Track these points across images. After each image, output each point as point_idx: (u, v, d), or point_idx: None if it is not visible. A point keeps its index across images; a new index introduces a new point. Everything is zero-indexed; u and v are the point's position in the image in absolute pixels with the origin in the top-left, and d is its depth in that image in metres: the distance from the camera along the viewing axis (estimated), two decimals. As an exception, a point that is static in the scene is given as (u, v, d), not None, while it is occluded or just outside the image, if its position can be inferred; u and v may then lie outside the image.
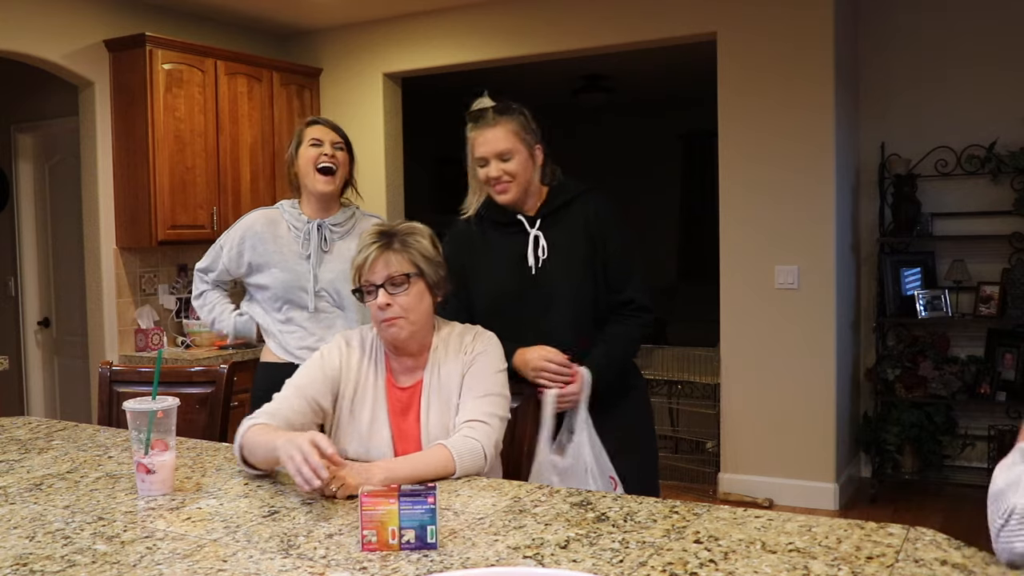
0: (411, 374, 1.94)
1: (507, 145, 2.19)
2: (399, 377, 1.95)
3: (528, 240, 2.24)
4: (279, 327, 2.68)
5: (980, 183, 4.60)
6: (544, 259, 2.22)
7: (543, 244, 2.23)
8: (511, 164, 2.20)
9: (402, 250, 1.88)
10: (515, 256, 2.24)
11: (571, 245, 2.23)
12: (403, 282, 1.87)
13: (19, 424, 2.45)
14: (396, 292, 1.86)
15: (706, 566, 1.27)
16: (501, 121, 2.21)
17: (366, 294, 1.89)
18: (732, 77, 4.65)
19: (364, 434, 1.91)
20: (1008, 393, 4.46)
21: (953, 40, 4.67)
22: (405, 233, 1.90)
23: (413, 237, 1.91)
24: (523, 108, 2.27)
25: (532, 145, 2.24)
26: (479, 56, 5.33)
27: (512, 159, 2.20)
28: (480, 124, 2.23)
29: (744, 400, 4.69)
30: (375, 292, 1.87)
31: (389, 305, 1.85)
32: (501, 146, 2.19)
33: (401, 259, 1.87)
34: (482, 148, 2.22)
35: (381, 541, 1.37)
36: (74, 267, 5.15)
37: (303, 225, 2.66)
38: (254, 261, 2.68)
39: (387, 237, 1.89)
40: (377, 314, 1.87)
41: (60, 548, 1.40)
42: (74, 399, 5.28)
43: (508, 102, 2.26)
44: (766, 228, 4.58)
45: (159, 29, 4.93)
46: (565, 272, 2.21)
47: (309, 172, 2.62)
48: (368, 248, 1.88)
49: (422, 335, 1.92)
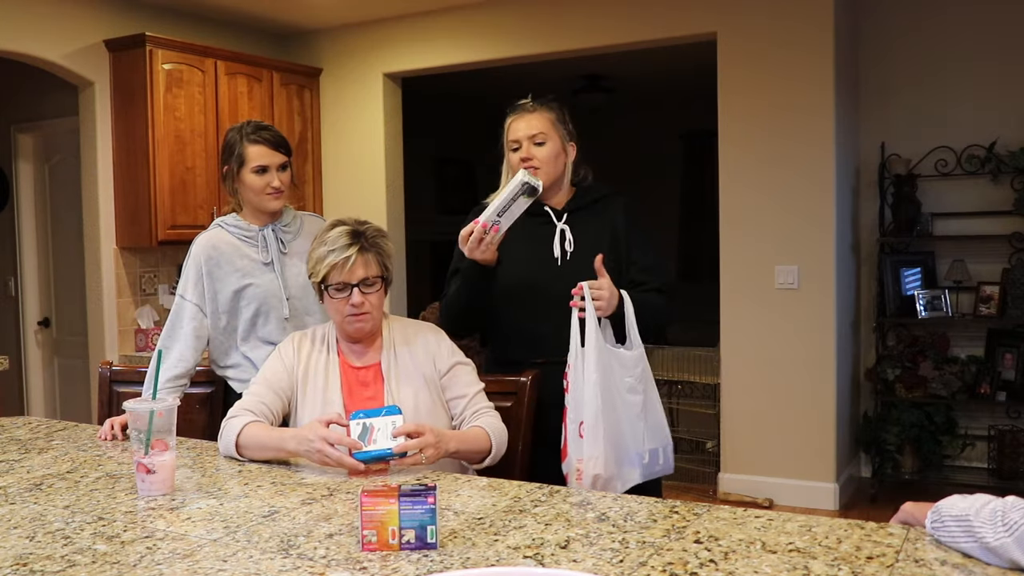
0: (363, 356, 2.11)
1: (541, 129, 2.26)
2: (351, 358, 2.11)
3: (555, 232, 2.28)
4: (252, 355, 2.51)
5: (980, 183, 4.60)
6: (571, 252, 2.26)
7: (569, 237, 2.27)
8: (543, 149, 2.25)
9: (374, 251, 2.03)
10: (540, 246, 2.28)
11: (596, 242, 2.27)
12: (375, 282, 2.03)
13: (19, 424, 2.45)
14: (368, 292, 2.02)
15: (706, 566, 1.27)
16: (539, 109, 2.30)
17: (336, 291, 2.01)
18: (732, 77, 4.65)
19: (317, 409, 2.03)
20: (1008, 393, 4.46)
21: (953, 40, 4.67)
22: (373, 235, 2.05)
23: (382, 239, 2.06)
24: (563, 105, 2.34)
25: (565, 139, 2.30)
26: (479, 56, 5.33)
27: (545, 144, 2.26)
28: (518, 111, 2.31)
29: (744, 400, 4.69)
30: (348, 290, 2.00)
31: (362, 303, 2.00)
32: (535, 129, 2.26)
33: (375, 261, 2.03)
34: (517, 132, 2.28)
35: (381, 541, 1.37)
36: (74, 267, 5.15)
37: (255, 233, 2.53)
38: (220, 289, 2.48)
39: (360, 238, 2.02)
40: (346, 309, 2.01)
41: (60, 548, 1.40)
42: (74, 399, 5.29)
43: (548, 97, 2.33)
44: (766, 228, 4.58)
45: (159, 29, 4.93)
46: (589, 267, 2.22)
47: (258, 196, 2.49)
48: (347, 249, 1.99)
49: (378, 325, 2.12)
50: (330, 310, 2.08)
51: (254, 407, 2.01)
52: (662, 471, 2.18)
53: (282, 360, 2.12)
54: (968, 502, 1.28)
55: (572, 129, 2.34)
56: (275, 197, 2.49)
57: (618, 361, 2.11)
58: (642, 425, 2.12)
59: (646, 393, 2.15)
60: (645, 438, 2.12)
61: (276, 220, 2.57)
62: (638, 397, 2.12)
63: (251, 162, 2.46)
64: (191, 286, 2.47)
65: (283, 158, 2.50)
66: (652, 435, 2.14)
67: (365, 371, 2.10)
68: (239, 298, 2.48)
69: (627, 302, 2.15)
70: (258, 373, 2.14)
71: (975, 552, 1.23)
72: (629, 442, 2.10)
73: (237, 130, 2.51)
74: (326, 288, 2.03)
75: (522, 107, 2.31)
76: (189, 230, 4.85)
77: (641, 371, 2.14)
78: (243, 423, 1.95)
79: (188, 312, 2.47)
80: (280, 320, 2.50)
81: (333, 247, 2.00)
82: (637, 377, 2.12)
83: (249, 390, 2.10)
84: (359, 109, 5.64)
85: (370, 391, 2.07)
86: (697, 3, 4.71)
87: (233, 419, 1.98)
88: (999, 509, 1.21)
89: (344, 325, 2.05)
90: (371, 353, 2.11)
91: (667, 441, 2.19)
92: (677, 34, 4.81)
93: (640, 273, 2.29)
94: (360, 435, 1.80)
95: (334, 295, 2.02)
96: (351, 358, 2.11)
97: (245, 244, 2.52)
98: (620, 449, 2.08)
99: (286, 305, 2.50)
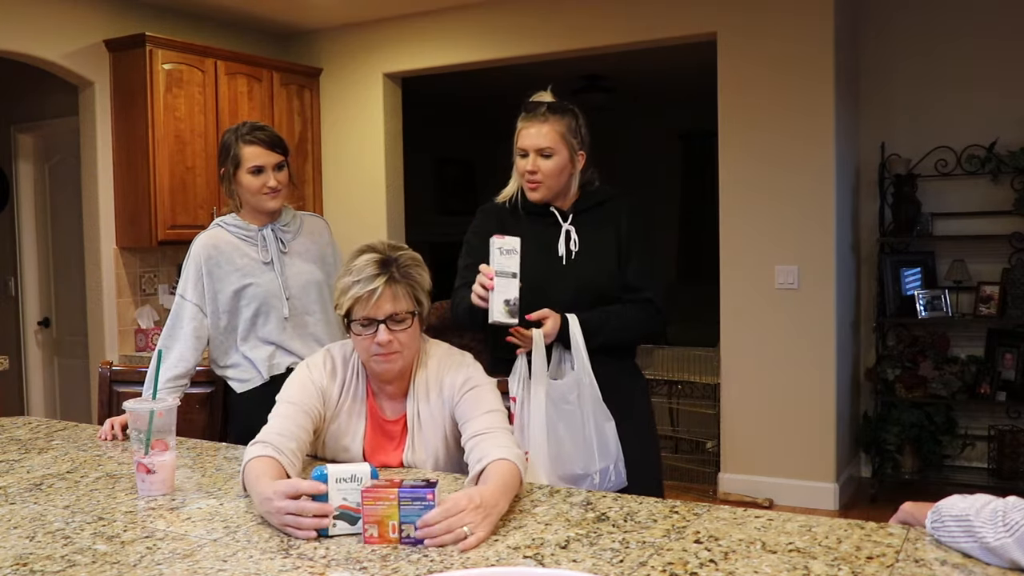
0: (393, 402, 1.91)
1: (549, 143, 2.24)
2: (383, 406, 1.92)
3: (560, 232, 2.29)
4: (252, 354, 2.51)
5: (980, 183, 4.60)
6: (576, 251, 2.28)
7: (574, 238, 2.29)
8: (549, 163, 2.24)
9: (404, 283, 1.80)
10: (545, 246, 2.29)
11: (600, 243, 2.29)
12: (405, 318, 1.80)
13: (19, 424, 2.45)
14: (396, 329, 1.78)
15: (706, 566, 1.27)
16: (551, 119, 2.25)
17: (362, 327, 1.79)
18: (732, 77, 4.64)
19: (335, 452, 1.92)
20: (1008, 393, 4.46)
21: (953, 40, 4.66)
22: (406, 264, 1.81)
23: (415, 269, 1.83)
24: (577, 111, 2.31)
25: (575, 150, 2.28)
26: (479, 56, 5.33)
27: (552, 158, 2.24)
28: (531, 116, 2.27)
29: (744, 400, 4.69)
30: (374, 326, 1.78)
31: (390, 341, 1.78)
32: (544, 143, 2.24)
33: (406, 294, 1.80)
34: (526, 140, 2.26)
35: (382, 535, 1.38)
36: (74, 267, 5.15)
37: (255, 233, 2.53)
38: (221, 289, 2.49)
39: (388, 267, 1.79)
40: (372, 348, 1.79)
41: (60, 548, 1.40)
42: (74, 399, 5.29)
43: (565, 102, 2.30)
44: (766, 228, 4.58)
45: (159, 29, 4.93)
46: (593, 268, 2.25)
47: (255, 196, 2.50)
48: (373, 280, 1.76)
49: (408, 365, 1.88)
50: (357, 347, 1.86)
51: (282, 432, 1.75)
52: (614, 486, 2.17)
53: (313, 382, 1.88)
54: (968, 502, 1.28)
55: (585, 135, 2.31)
56: (272, 197, 2.50)
57: (556, 391, 2.14)
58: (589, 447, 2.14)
59: (590, 415, 2.16)
60: (597, 458, 2.15)
61: (275, 220, 2.57)
62: (579, 421, 2.15)
63: (246, 163, 2.46)
64: (191, 286, 2.48)
65: (279, 158, 2.50)
66: (601, 454, 2.16)
67: (393, 425, 1.91)
68: (239, 298, 2.48)
69: (572, 326, 2.16)
70: (288, 390, 1.88)
71: (975, 552, 1.23)
72: (577, 466, 2.13)
73: (233, 131, 2.51)
74: (351, 323, 1.81)
75: (536, 113, 2.26)
76: (189, 230, 4.85)
77: (576, 396, 2.15)
78: (253, 454, 1.67)
79: (188, 312, 2.47)
80: (280, 320, 2.50)
81: (359, 277, 1.77)
82: (574, 403, 2.15)
83: (281, 411, 1.83)
84: (359, 109, 5.64)
85: (394, 444, 1.91)
86: (697, 3, 4.71)
87: (254, 445, 1.71)
88: (999, 509, 1.21)
89: (371, 364, 1.84)
90: (400, 399, 1.91)
91: (617, 457, 2.19)
92: (677, 34, 4.81)
93: (635, 278, 2.30)
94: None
95: (359, 331, 1.80)
96: (381, 404, 1.92)
97: (245, 244, 2.52)
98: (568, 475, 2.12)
99: (286, 305, 2.50)
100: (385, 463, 1.89)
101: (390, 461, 1.89)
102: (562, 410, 2.14)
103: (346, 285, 1.79)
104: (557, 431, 2.13)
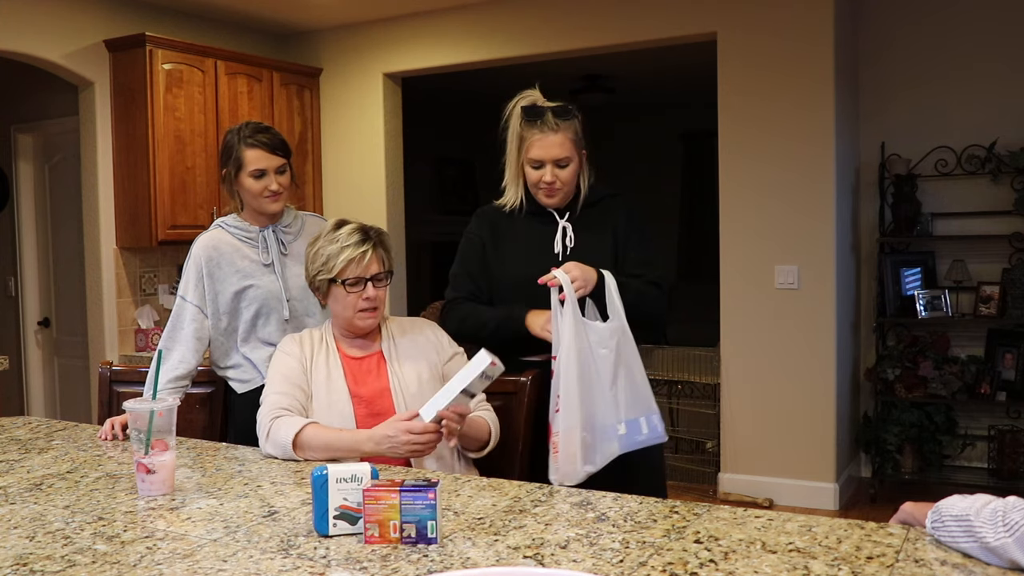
0: (362, 348, 2.15)
1: (566, 153, 2.24)
2: (350, 351, 2.15)
3: (556, 230, 2.30)
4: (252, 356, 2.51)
5: (980, 183, 4.60)
6: (572, 248, 2.29)
7: (571, 235, 2.30)
8: (566, 172, 2.25)
9: (382, 248, 2.11)
10: (542, 244, 2.30)
11: (597, 240, 2.30)
12: (384, 277, 2.11)
13: (19, 424, 2.45)
14: (379, 287, 2.09)
15: (706, 566, 1.27)
16: (562, 128, 2.24)
17: (351, 286, 2.05)
18: (732, 77, 4.65)
19: (323, 401, 2.06)
20: (1008, 393, 4.46)
21: (953, 40, 4.67)
22: (379, 233, 2.12)
23: (387, 237, 2.14)
24: (578, 112, 2.30)
25: (582, 151, 2.30)
26: (479, 56, 5.33)
27: (568, 166, 2.25)
28: (541, 128, 2.24)
29: (744, 400, 4.69)
30: (362, 285, 2.06)
31: (376, 296, 2.07)
32: (561, 153, 2.23)
33: (386, 257, 2.12)
34: (540, 151, 2.24)
35: (383, 535, 1.38)
36: (74, 267, 5.15)
37: (255, 234, 2.53)
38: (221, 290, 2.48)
39: (369, 234, 2.09)
40: (359, 303, 2.07)
41: (60, 548, 1.40)
42: (74, 399, 5.29)
43: (566, 104, 2.28)
44: (766, 228, 4.58)
45: (159, 29, 4.93)
46: (589, 264, 2.23)
47: (257, 199, 2.49)
48: (362, 244, 2.06)
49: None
50: (339, 305, 2.09)
51: (290, 407, 2.02)
52: (648, 440, 2.12)
53: (291, 356, 2.13)
54: (968, 502, 1.28)
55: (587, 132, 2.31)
56: (273, 200, 2.49)
57: (593, 334, 2.10)
58: (619, 395, 2.10)
59: (624, 364, 2.12)
60: (622, 408, 2.10)
61: (277, 221, 2.57)
62: (611, 368, 2.10)
63: (248, 166, 2.45)
64: (192, 287, 2.47)
65: (281, 161, 2.48)
66: (631, 405, 2.11)
67: (368, 359, 2.14)
68: (240, 299, 2.48)
69: (608, 280, 2.16)
70: (272, 372, 2.12)
71: (975, 552, 1.23)
72: (604, 413, 2.08)
73: (235, 133, 2.49)
74: (340, 283, 2.05)
75: (546, 123, 2.23)
76: (189, 230, 4.86)
77: (617, 343, 2.12)
78: (300, 423, 1.94)
79: (189, 314, 2.46)
80: (280, 321, 2.50)
81: (347, 243, 2.05)
82: (612, 349, 2.11)
83: (275, 389, 2.07)
84: (359, 109, 5.64)
85: (373, 376, 2.11)
86: (697, 3, 4.71)
87: (280, 419, 1.97)
88: (999, 509, 1.21)
89: (355, 320, 2.09)
90: (369, 344, 2.16)
91: (650, 410, 2.15)
92: (677, 34, 4.81)
93: (636, 267, 2.30)
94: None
95: (349, 290, 2.06)
96: (350, 351, 2.14)
97: (246, 245, 2.51)
98: (595, 421, 2.06)
99: (286, 306, 2.50)
100: (361, 393, 2.07)
101: (366, 390, 2.07)
102: (596, 355, 2.09)
103: (335, 251, 2.06)
104: (587, 376, 2.07)
